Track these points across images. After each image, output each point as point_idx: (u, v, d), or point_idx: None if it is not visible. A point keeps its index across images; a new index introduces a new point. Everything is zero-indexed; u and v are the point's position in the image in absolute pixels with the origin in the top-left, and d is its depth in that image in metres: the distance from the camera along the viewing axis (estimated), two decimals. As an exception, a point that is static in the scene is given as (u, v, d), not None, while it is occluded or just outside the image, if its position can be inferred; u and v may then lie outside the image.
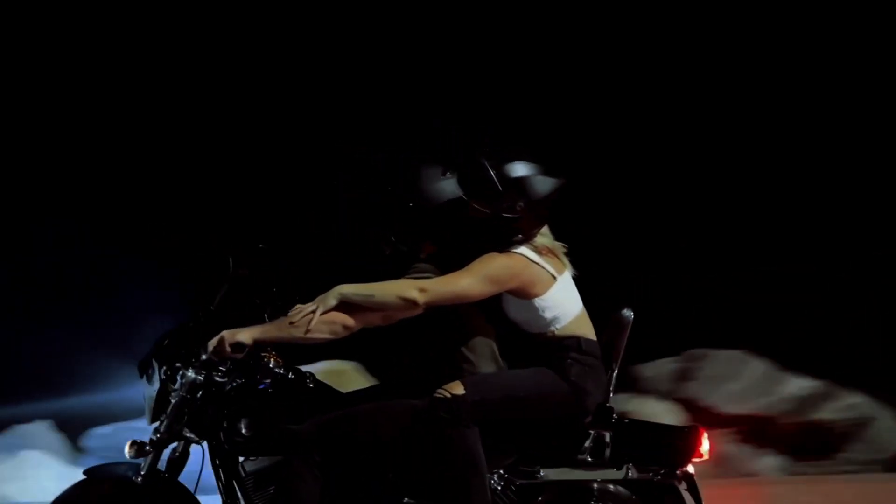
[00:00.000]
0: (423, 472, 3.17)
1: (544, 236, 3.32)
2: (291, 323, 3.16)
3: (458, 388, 3.15)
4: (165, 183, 10.61)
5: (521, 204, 3.22)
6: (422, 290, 3.13)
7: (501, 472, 3.23)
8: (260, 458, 3.31)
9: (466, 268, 3.19)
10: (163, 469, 3.42)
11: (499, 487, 3.21)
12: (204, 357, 3.25)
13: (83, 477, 3.49)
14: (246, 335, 3.20)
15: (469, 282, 3.16)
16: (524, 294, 3.24)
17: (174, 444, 3.43)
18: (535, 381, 3.23)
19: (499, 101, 11.27)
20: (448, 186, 3.31)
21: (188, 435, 3.36)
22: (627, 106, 10.87)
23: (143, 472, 3.34)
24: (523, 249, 3.25)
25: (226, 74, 10.99)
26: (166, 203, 10.47)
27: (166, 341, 3.37)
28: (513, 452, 3.25)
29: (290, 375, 3.39)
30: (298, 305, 3.18)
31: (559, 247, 3.38)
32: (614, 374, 3.34)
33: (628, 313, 3.41)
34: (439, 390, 3.15)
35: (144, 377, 3.39)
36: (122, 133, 10.79)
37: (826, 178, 9.99)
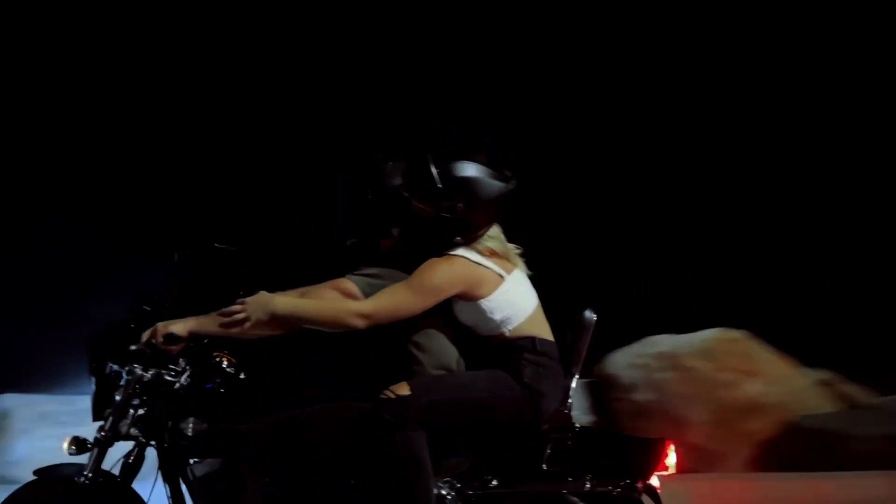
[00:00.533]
0: (369, 477, 3.14)
1: (492, 239, 3.24)
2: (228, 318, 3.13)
3: (403, 390, 3.08)
4: (163, 182, 10.62)
5: (460, 205, 3.14)
6: (362, 316, 3.07)
7: (453, 480, 3.16)
8: (208, 460, 3.24)
9: (406, 282, 3.13)
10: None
11: (449, 496, 3.14)
12: (134, 348, 3.21)
13: (34, 477, 3.48)
14: (179, 326, 3.15)
15: (409, 298, 3.10)
16: (470, 296, 3.17)
17: (130, 448, 3.39)
18: (485, 384, 3.15)
19: (498, 102, 11.22)
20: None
21: (133, 432, 3.29)
22: (628, 106, 10.79)
23: (86, 473, 3.26)
24: (464, 251, 3.18)
25: (220, 74, 10.98)
26: (164, 202, 10.47)
27: (108, 335, 3.33)
28: (464, 459, 3.18)
29: (241, 375, 3.36)
30: (231, 308, 3.13)
31: (511, 248, 3.31)
32: (574, 378, 3.28)
33: (590, 315, 3.33)
34: (385, 392, 3.11)
35: (92, 373, 3.35)
36: (119, 132, 10.80)
37: (826, 178, 9.90)
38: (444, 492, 3.16)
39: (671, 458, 3.25)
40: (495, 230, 3.28)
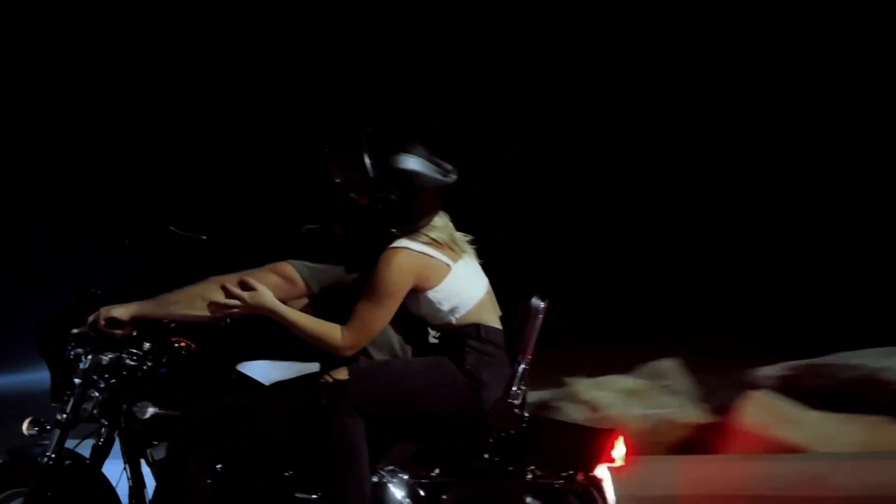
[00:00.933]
0: (307, 462, 3.10)
1: (436, 228, 3.17)
2: (173, 300, 3.13)
3: (342, 374, 3.04)
4: (117, 170, 10.71)
5: (393, 196, 3.09)
6: (349, 348, 3.06)
7: (396, 468, 3.11)
8: (166, 444, 3.25)
9: (365, 296, 3.07)
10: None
11: (392, 484, 3.09)
12: (76, 331, 3.21)
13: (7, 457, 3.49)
14: (121, 311, 3.15)
15: (375, 312, 3.06)
16: (418, 289, 3.11)
17: (101, 432, 3.40)
18: (425, 371, 3.10)
19: (498, 101, 11.19)
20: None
21: (95, 415, 3.32)
22: (627, 107, 10.75)
23: (49, 454, 3.29)
24: (406, 242, 3.11)
25: (179, 63, 11.04)
26: (116, 189, 10.54)
27: (60, 319, 3.33)
28: (410, 447, 3.14)
29: (194, 361, 3.35)
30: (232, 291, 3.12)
31: (460, 237, 3.24)
32: (521, 367, 3.18)
33: (538, 301, 3.25)
34: (325, 376, 3.07)
35: (43, 355, 3.36)
36: (107, 130, 10.91)
37: (824, 178, 9.81)
38: (386, 480, 3.12)
39: (618, 451, 3.17)
40: (440, 219, 3.21)
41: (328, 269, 3.18)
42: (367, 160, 3.07)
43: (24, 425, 3.33)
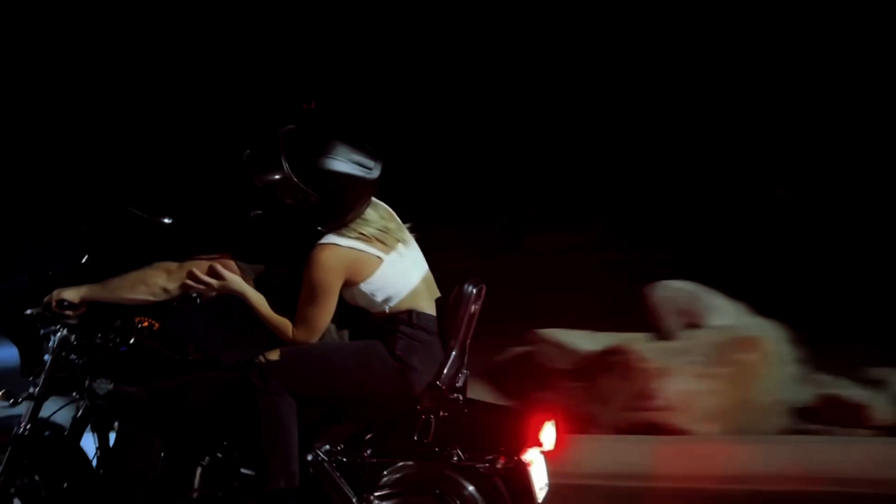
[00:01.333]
0: (240, 440, 3.26)
1: (366, 222, 3.23)
2: (118, 284, 3.31)
3: (274, 355, 3.18)
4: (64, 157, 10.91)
5: (312, 197, 3.14)
6: (302, 342, 3.20)
7: (332, 447, 3.25)
8: None
9: (304, 295, 3.18)
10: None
11: (326, 462, 3.22)
12: (29, 312, 3.42)
13: None
14: (72, 293, 3.35)
15: (315, 309, 3.17)
16: (350, 282, 3.20)
17: (79, 404, 3.62)
18: (357, 354, 3.22)
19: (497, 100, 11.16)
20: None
21: (64, 386, 3.55)
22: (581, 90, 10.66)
23: (24, 424, 3.52)
24: (334, 237, 3.19)
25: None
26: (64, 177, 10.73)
27: (19, 301, 3.55)
28: (342, 427, 3.25)
29: (150, 339, 3.53)
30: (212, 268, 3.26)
31: (394, 227, 3.31)
32: (453, 352, 3.28)
33: (469, 287, 3.31)
34: (258, 357, 3.21)
35: (6, 334, 3.59)
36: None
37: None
38: (321, 458, 3.25)
39: (546, 435, 3.23)
40: (372, 212, 3.27)
41: (259, 267, 3.30)
42: (284, 163, 3.14)
43: None
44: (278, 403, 3.14)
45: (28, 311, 3.44)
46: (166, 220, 3.64)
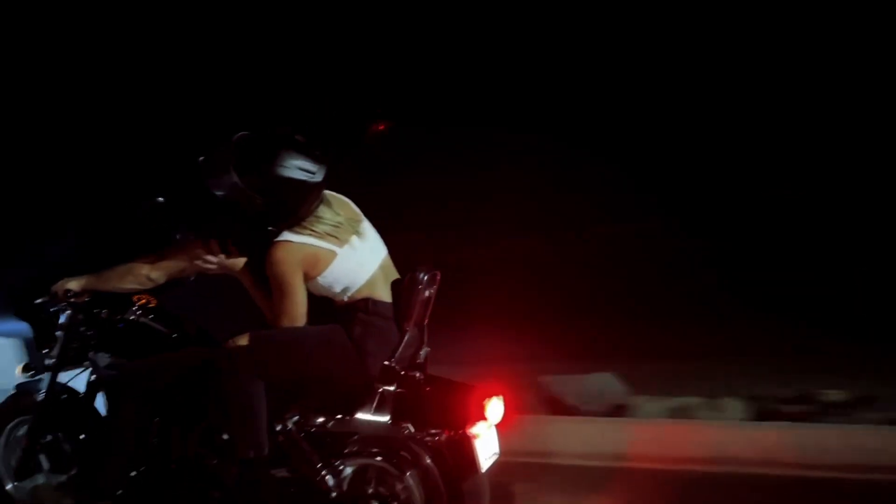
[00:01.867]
0: (210, 417, 3.66)
1: (320, 220, 3.50)
2: (109, 276, 3.73)
3: (242, 340, 3.54)
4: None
5: (259, 200, 3.40)
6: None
7: (297, 419, 3.60)
8: None
9: (273, 292, 3.48)
10: None
11: (292, 432, 3.58)
12: (39, 301, 3.88)
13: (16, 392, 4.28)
14: (74, 283, 3.80)
15: (286, 302, 3.47)
16: (307, 276, 3.48)
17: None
18: (318, 340, 3.53)
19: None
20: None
21: (76, 357, 4.02)
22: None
23: (42, 390, 4.05)
24: (289, 234, 3.47)
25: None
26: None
27: (28, 288, 4.00)
28: (306, 402, 3.59)
29: (147, 317, 3.95)
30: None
31: (348, 221, 3.56)
32: (407, 334, 3.56)
33: (421, 274, 3.57)
34: (228, 342, 3.58)
35: (19, 315, 4.06)
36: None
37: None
38: (289, 428, 3.62)
39: (491, 410, 3.52)
40: (324, 210, 3.54)
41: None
42: (232, 170, 3.43)
43: (18, 370, 4.06)
44: (246, 384, 3.51)
45: (37, 301, 3.87)
46: (159, 199, 4.00)
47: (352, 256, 3.55)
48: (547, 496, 4.58)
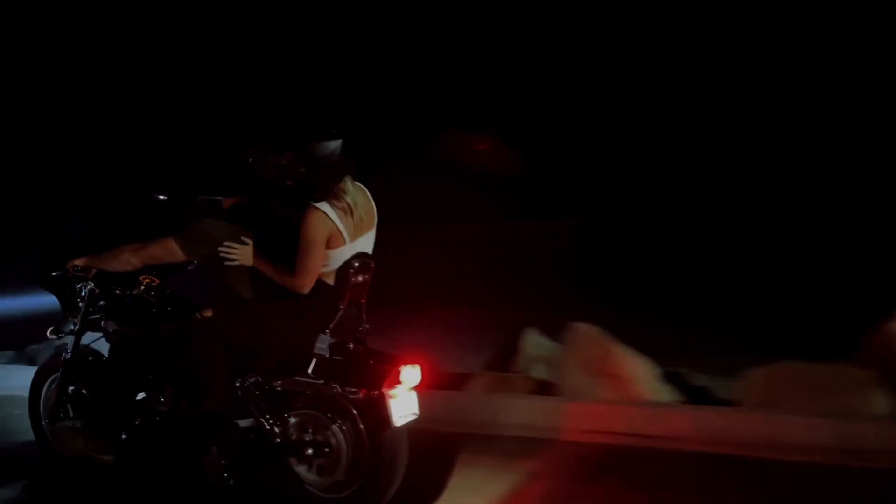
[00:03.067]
0: (179, 382, 4.53)
1: (352, 210, 4.24)
2: (110, 256, 4.59)
3: (208, 313, 4.39)
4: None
5: (301, 169, 4.15)
6: (303, 287, 4.20)
7: (253, 378, 4.42)
8: None
9: (300, 245, 4.17)
10: None
11: (250, 388, 4.41)
12: (55, 273, 4.81)
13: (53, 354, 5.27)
14: (82, 261, 4.70)
15: (308, 257, 4.15)
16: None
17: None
18: (271, 313, 4.33)
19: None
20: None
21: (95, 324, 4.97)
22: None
23: (69, 351, 5.01)
24: (324, 205, 4.19)
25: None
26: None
27: (49, 263, 4.94)
28: (260, 364, 4.41)
29: (149, 294, 4.85)
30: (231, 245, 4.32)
31: (366, 223, 4.32)
32: (339, 312, 4.33)
33: (354, 263, 4.31)
34: (196, 314, 4.43)
35: (44, 286, 5.01)
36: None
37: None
38: (248, 385, 4.44)
39: (406, 376, 4.25)
40: (358, 202, 4.29)
41: (205, 250, 4.43)
42: (291, 152, 4.13)
43: (48, 332, 5.02)
44: (212, 350, 4.36)
45: (54, 273, 4.82)
46: (161, 197, 4.90)
47: (349, 251, 4.32)
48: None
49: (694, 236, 9.53)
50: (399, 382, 4.27)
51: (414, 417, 4.37)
